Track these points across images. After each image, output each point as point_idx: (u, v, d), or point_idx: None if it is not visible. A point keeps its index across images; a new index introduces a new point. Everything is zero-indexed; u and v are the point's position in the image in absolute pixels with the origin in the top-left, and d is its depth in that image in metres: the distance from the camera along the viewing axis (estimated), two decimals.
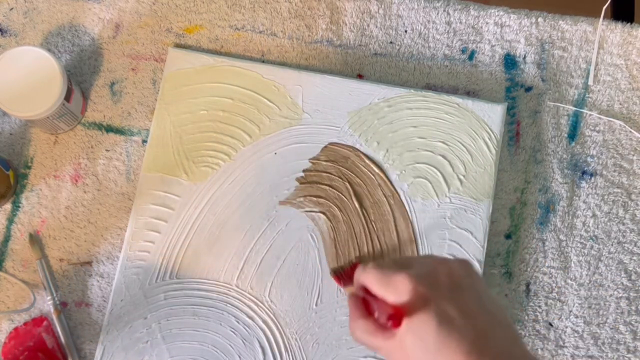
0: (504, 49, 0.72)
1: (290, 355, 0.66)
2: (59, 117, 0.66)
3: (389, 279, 0.46)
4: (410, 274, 0.46)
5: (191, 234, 0.67)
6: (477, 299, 0.46)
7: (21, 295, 0.67)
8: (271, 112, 0.70)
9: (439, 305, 0.45)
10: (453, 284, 0.46)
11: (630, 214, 0.70)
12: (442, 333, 0.44)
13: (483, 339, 0.44)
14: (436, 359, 0.44)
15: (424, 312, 0.44)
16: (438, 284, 0.46)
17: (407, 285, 0.45)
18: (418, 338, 0.44)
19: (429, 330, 0.44)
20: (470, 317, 0.45)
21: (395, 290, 0.46)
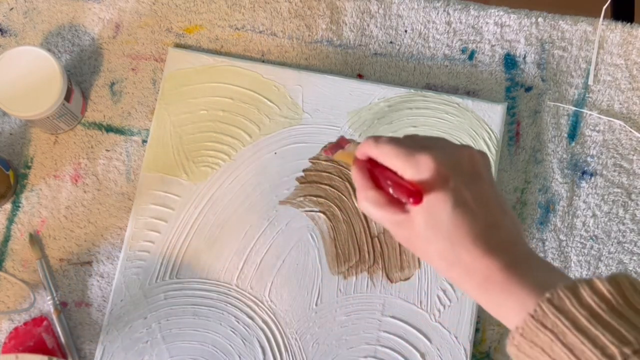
0: (504, 49, 0.72)
1: (290, 355, 0.66)
2: (59, 117, 0.66)
3: (411, 155, 0.46)
4: (435, 153, 0.46)
5: (191, 234, 0.67)
6: (492, 189, 0.47)
7: (21, 295, 0.67)
8: (271, 112, 0.70)
9: (458, 188, 0.45)
10: (473, 170, 0.47)
11: (630, 214, 0.70)
12: (456, 214, 0.44)
13: (493, 228, 0.45)
14: (445, 239, 0.44)
15: (442, 192, 0.44)
16: (459, 167, 0.46)
17: (429, 164, 0.45)
18: (432, 216, 0.45)
19: (445, 210, 0.44)
20: (484, 205, 0.45)
21: (417, 167, 0.46)
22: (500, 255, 0.44)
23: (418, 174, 0.45)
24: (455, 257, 0.44)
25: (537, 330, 0.40)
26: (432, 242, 0.45)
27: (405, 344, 0.66)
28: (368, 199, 0.48)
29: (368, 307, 0.66)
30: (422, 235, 0.45)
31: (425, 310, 0.66)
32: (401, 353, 0.65)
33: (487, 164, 0.48)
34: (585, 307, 0.39)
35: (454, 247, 0.44)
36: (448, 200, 0.44)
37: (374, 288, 0.67)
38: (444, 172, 0.45)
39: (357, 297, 0.67)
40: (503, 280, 0.43)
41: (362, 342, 0.66)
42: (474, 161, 0.47)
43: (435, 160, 0.45)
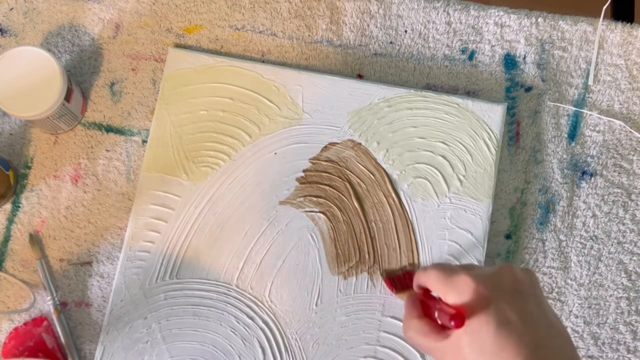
0: (504, 49, 0.72)
1: (290, 355, 0.66)
2: (59, 117, 0.66)
3: (451, 277, 0.46)
4: (473, 274, 0.45)
5: (191, 234, 0.67)
6: (539, 306, 0.45)
7: (21, 295, 0.67)
8: (271, 112, 0.70)
9: (500, 308, 0.44)
10: (515, 288, 0.45)
11: (630, 214, 0.70)
12: (501, 336, 0.43)
13: (543, 348, 0.43)
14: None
15: (484, 313, 0.43)
16: (500, 286, 0.45)
17: (469, 285, 0.45)
18: (475, 339, 0.43)
19: (488, 332, 0.43)
20: (531, 324, 0.44)
21: (456, 289, 0.45)
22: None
23: (459, 296, 0.44)
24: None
25: None
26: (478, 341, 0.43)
27: (405, 344, 0.66)
28: (412, 327, 0.48)
29: (368, 307, 0.66)
30: (467, 356, 0.44)
31: None
32: (401, 353, 0.66)
33: (533, 280, 0.46)
34: None
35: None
36: (491, 322, 0.43)
37: (374, 288, 0.67)
38: (485, 292, 0.44)
39: (357, 297, 0.67)
40: None
41: (362, 342, 0.66)
42: (515, 279, 0.46)
43: (475, 281, 0.44)
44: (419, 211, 0.68)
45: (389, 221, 0.68)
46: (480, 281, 0.45)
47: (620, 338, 0.68)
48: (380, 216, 0.68)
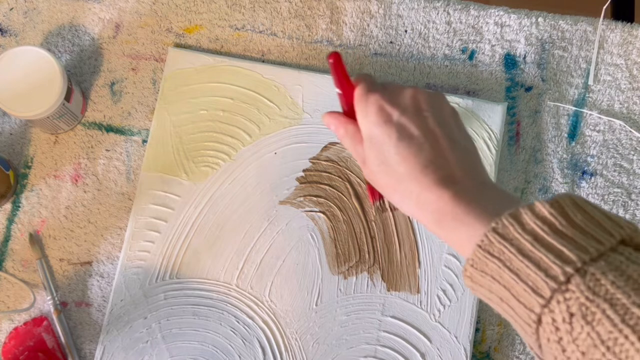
0: (504, 48, 0.72)
1: (290, 355, 0.66)
2: (59, 117, 0.66)
3: (365, 95, 0.51)
4: (381, 93, 0.50)
5: (191, 234, 0.67)
6: (442, 125, 0.50)
7: (21, 295, 0.67)
8: (271, 112, 0.70)
9: (401, 123, 0.49)
10: (418, 107, 0.50)
11: (630, 214, 0.70)
12: (401, 147, 0.48)
13: (441, 159, 0.47)
14: (394, 172, 0.48)
15: (386, 127, 0.48)
16: (404, 104, 0.50)
17: (375, 102, 0.50)
18: (380, 152, 0.49)
19: (390, 144, 0.48)
20: (431, 138, 0.48)
21: (366, 105, 0.51)
22: (449, 185, 0.46)
23: (365, 110, 0.50)
24: (405, 189, 0.47)
25: (485, 260, 0.41)
26: (384, 176, 0.48)
27: (405, 344, 0.66)
28: (344, 136, 0.54)
29: (368, 307, 0.66)
30: (376, 171, 0.49)
31: (425, 310, 0.66)
32: (401, 353, 0.65)
33: (437, 102, 0.51)
34: (528, 232, 0.40)
35: (403, 180, 0.47)
36: (392, 134, 0.48)
37: (374, 288, 0.67)
38: (388, 109, 0.49)
39: (357, 297, 0.67)
40: (453, 210, 0.45)
41: (362, 342, 0.66)
42: (416, 98, 0.50)
43: (381, 99, 0.50)
44: None
45: (389, 221, 0.68)
46: (385, 99, 0.50)
47: None
48: (380, 216, 0.68)
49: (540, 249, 0.39)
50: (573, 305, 0.37)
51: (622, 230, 0.39)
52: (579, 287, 0.37)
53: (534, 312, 0.38)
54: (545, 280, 0.38)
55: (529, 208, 0.41)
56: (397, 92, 0.51)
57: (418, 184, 0.46)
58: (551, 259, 0.38)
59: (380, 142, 0.49)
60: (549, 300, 0.38)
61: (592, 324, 0.36)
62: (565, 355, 0.37)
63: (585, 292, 0.36)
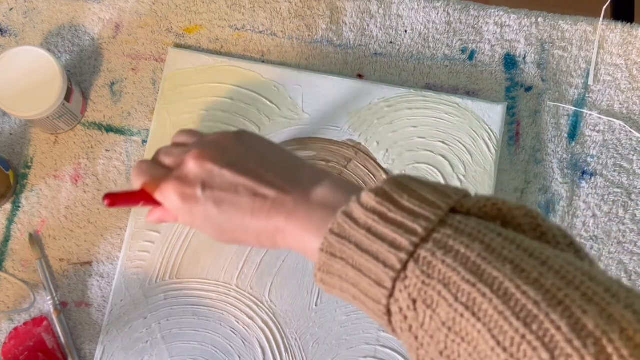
0: (504, 49, 0.72)
1: (290, 355, 0.66)
2: (59, 117, 0.66)
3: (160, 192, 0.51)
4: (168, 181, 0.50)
5: (191, 234, 0.67)
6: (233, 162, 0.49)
7: (21, 295, 0.67)
8: (271, 112, 0.70)
9: (206, 195, 0.48)
10: (204, 170, 0.49)
11: (630, 214, 0.70)
12: (223, 215, 0.48)
13: (259, 196, 0.47)
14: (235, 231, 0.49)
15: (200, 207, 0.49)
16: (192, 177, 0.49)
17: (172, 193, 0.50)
18: (212, 224, 0.49)
19: (214, 218, 0.48)
20: (236, 187, 0.48)
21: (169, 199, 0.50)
22: (279, 212, 0.46)
23: (172, 203, 0.50)
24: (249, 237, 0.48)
25: (330, 262, 0.41)
26: (227, 236, 0.49)
27: None
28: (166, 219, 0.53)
29: None
30: (220, 239, 0.50)
31: None
32: (401, 353, 0.66)
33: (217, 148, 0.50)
34: (362, 226, 0.40)
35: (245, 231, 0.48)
36: (209, 209, 0.48)
37: None
38: (186, 190, 0.49)
39: None
40: (293, 232, 0.45)
41: (362, 342, 0.66)
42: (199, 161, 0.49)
43: (172, 184, 0.49)
44: None
45: None
46: (177, 182, 0.49)
47: None
48: None
49: (376, 240, 0.39)
50: (413, 292, 0.37)
51: (449, 200, 0.39)
52: (414, 272, 0.37)
53: (381, 304, 0.39)
54: (384, 271, 0.38)
55: (358, 202, 0.41)
56: (180, 167, 0.50)
57: (253, 230, 0.47)
58: (386, 248, 0.38)
59: (206, 219, 0.49)
60: (392, 291, 0.38)
61: (432, 307, 0.36)
62: (418, 342, 0.37)
63: (421, 277, 0.37)
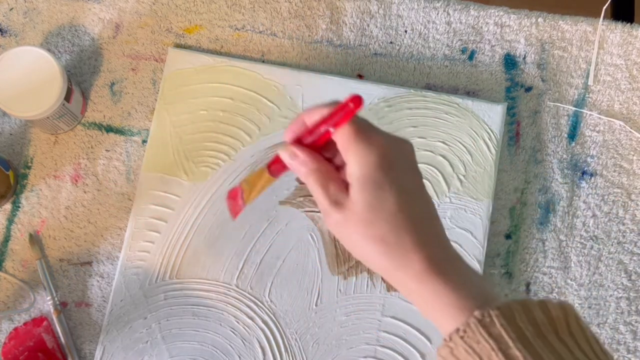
0: (504, 49, 0.72)
1: (290, 355, 0.66)
2: (59, 117, 0.66)
3: (366, 133, 0.45)
4: (386, 137, 0.45)
5: (191, 234, 0.67)
6: (424, 183, 0.47)
7: (21, 295, 0.67)
8: (271, 112, 0.70)
9: (403, 175, 0.44)
10: (414, 163, 0.46)
11: (630, 214, 0.70)
12: (402, 199, 0.43)
13: (432, 219, 0.45)
14: (388, 222, 0.43)
15: (389, 175, 0.44)
16: (404, 157, 0.46)
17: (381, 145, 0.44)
18: (375, 198, 0.43)
19: (390, 193, 0.43)
20: (423, 196, 0.45)
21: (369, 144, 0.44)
22: (439, 249, 0.44)
23: (368, 149, 0.43)
24: (396, 239, 0.43)
25: (480, 337, 0.39)
26: (372, 224, 0.43)
27: (405, 344, 0.66)
28: (312, 169, 0.45)
29: (368, 307, 0.66)
30: (362, 218, 0.43)
31: None
32: (401, 353, 0.65)
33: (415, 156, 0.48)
34: (532, 324, 0.39)
35: (397, 230, 0.43)
36: (395, 183, 0.43)
37: (374, 288, 0.67)
38: (391, 157, 0.44)
39: (357, 297, 0.67)
40: (442, 274, 0.42)
41: (362, 342, 0.66)
42: (414, 154, 0.47)
43: (387, 144, 0.44)
44: None
45: None
46: (390, 145, 0.45)
47: (620, 338, 0.68)
48: None
49: (542, 345, 0.38)
50: None
51: (607, 358, 0.40)
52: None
53: None
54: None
55: (538, 304, 0.40)
56: (398, 143, 0.46)
57: (410, 236, 0.43)
58: (551, 359, 0.38)
59: (379, 187, 0.43)
60: None
61: None
62: None
63: None
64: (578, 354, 0.39)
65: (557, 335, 0.39)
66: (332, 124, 0.44)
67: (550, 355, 0.38)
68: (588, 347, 0.39)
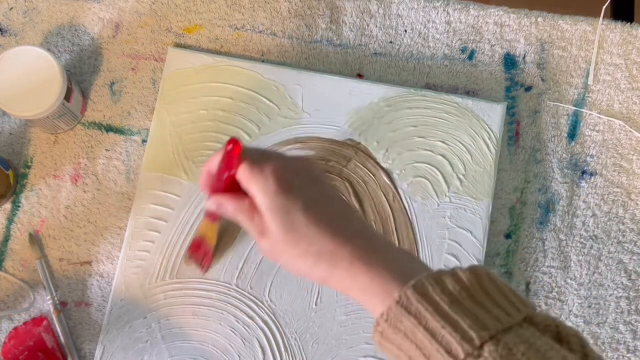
0: (504, 48, 0.72)
1: (290, 355, 0.66)
2: (59, 117, 0.66)
3: (257, 164, 0.48)
4: (276, 162, 0.49)
5: (191, 234, 0.67)
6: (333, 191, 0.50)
7: (21, 295, 0.67)
8: (271, 112, 0.70)
9: (303, 190, 0.48)
10: (313, 175, 0.50)
11: (630, 214, 0.70)
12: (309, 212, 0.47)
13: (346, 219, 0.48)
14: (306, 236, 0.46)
15: (291, 194, 0.47)
16: (301, 173, 0.49)
17: (274, 171, 0.48)
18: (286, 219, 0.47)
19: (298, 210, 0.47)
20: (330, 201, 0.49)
21: (262, 174, 0.48)
22: (361, 241, 0.46)
23: (265, 181, 0.47)
24: (319, 249, 0.46)
25: (401, 317, 0.42)
26: (294, 243, 0.47)
27: None
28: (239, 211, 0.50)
29: None
30: (283, 240, 0.47)
31: None
32: None
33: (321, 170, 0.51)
34: (447, 294, 0.41)
35: (315, 240, 0.46)
36: (298, 201, 0.47)
37: None
38: (287, 178, 0.48)
39: None
40: (367, 264, 0.45)
41: (362, 342, 0.66)
42: (312, 167, 0.50)
43: (278, 169, 0.48)
44: (419, 210, 0.68)
45: (389, 220, 0.68)
46: (284, 167, 0.48)
47: (620, 338, 0.68)
48: (380, 216, 0.68)
49: (458, 311, 0.40)
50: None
51: (527, 309, 0.42)
52: (492, 354, 0.38)
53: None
54: (460, 344, 0.39)
55: (450, 273, 0.42)
56: (290, 162, 0.50)
57: (331, 240, 0.46)
58: (468, 323, 0.40)
59: (285, 210, 0.47)
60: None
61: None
62: None
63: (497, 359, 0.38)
64: (496, 310, 0.40)
65: (473, 299, 0.41)
66: (226, 169, 0.49)
67: (467, 318, 0.40)
68: (506, 302, 0.41)
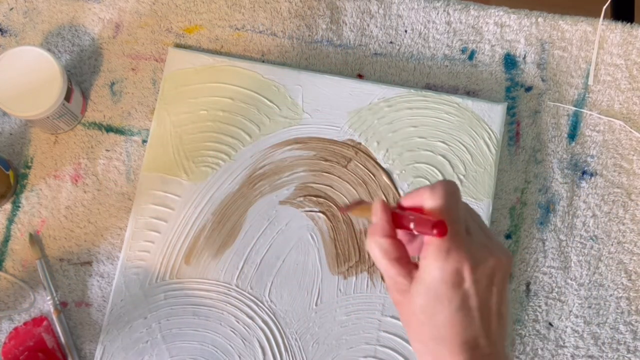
0: (504, 48, 0.72)
1: (290, 355, 0.66)
2: (59, 117, 0.66)
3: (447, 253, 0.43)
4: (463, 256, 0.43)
5: (191, 234, 0.67)
6: (500, 299, 0.45)
7: (21, 295, 0.67)
8: (271, 112, 0.70)
9: (468, 293, 0.44)
10: (490, 280, 0.45)
11: (630, 214, 0.70)
12: (456, 317, 0.43)
13: (483, 339, 0.44)
14: (434, 331, 0.44)
15: (452, 290, 0.43)
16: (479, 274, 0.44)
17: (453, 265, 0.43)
18: (430, 307, 0.44)
19: (447, 308, 0.43)
20: (486, 315, 0.44)
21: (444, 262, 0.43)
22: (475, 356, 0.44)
23: (442, 268, 0.43)
24: (434, 349, 0.44)
25: None
26: (422, 325, 0.44)
27: (405, 344, 0.66)
28: (380, 244, 0.45)
29: (368, 307, 0.66)
30: (416, 313, 0.44)
31: None
32: (401, 353, 0.66)
33: (508, 272, 0.46)
34: None
35: (438, 343, 0.44)
36: (454, 301, 0.43)
37: (374, 288, 0.67)
38: (464, 274, 0.43)
39: (357, 297, 0.67)
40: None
41: (362, 342, 0.66)
42: (495, 269, 0.45)
43: (462, 261, 0.43)
44: None
45: None
46: (467, 264, 0.43)
47: (620, 338, 0.68)
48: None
49: None
50: None
51: None
52: None
53: None
54: None
55: None
56: (480, 256, 0.44)
57: (450, 354, 0.44)
58: None
59: (438, 300, 0.43)
60: None
61: None
62: None
63: None
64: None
65: None
66: (415, 227, 0.44)
67: None
68: None
